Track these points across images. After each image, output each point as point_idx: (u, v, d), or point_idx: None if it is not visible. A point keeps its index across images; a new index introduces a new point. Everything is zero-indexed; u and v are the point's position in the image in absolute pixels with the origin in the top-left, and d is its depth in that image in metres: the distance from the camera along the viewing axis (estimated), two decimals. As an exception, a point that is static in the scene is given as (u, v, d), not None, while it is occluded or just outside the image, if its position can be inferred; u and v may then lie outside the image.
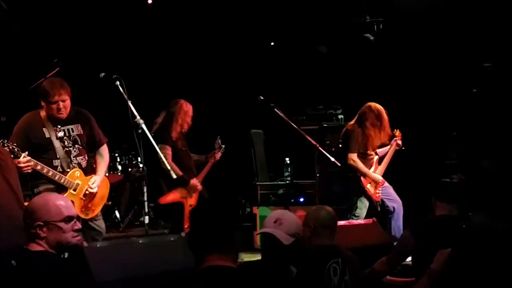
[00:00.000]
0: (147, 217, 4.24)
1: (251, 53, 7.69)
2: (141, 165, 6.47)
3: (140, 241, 3.63)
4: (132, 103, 4.15)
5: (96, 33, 7.00)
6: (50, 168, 3.89)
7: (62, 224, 2.51)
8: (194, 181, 5.21)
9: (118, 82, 4.16)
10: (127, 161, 6.61)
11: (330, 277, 2.93)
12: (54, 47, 6.49)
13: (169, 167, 4.14)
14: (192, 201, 5.19)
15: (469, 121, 6.54)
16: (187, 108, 5.31)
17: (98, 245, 3.37)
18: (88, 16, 6.89)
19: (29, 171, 3.75)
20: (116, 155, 6.43)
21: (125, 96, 4.15)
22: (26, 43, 6.59)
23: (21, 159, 3.66)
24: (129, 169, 6.63)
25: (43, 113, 4.00)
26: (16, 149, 3.66)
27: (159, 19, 7.27)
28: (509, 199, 5.20)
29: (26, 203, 3.54)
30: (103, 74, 4.21)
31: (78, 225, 2.62)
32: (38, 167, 3.80)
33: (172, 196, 5.09)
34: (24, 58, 6.53)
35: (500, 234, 2.47)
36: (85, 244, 3.16)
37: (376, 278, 3.46)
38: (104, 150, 4.28)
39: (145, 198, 4.22)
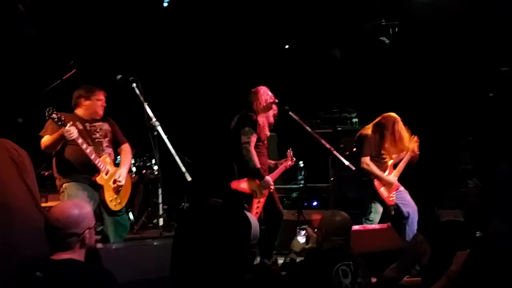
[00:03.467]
0: (161, 219, 4.24)
1: (266, 55, 7.69)
2: (155, 167, 6.49)
3: (155, 243, 3.65)
4: (148, 105, 4.17)
5: (113, 35, 7.04)
6: (88, 145, 4.05)
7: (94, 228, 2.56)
8: (269, 179, 4.92)
9: (134, 84, 4.20)
10: (141, 163, 6.64)
11: (340, 279, 2.87)
12: (71, 49, 6.53)
13: (184, 170, 4.12)
14: (261, 196, 4.90)
15: (485, 125, 6.48)
16: (262, 93, 4.95)
17: (113, 247, 3.39)
18: (105, 18, 6.93)
19: (72, 137, 3.92)
20: (131, 156, 6.45)
21: (142, 98, 4.18)
22: (43, 45, 6.65)
23: (67, 127, 3.89)
24: (144, 171, 6.65)
25: (78, 113, 4.27)
26: (62, 117, 3.88)
27: (175, 22, 7.30)
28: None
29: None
30: (120, 76, 4.25)
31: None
32: (80, 140, 3.97)
33: (245, 185, 4.86)
34: (40, 60, 6.59)
35: None
36: (99, 245, 3.18)
37: (388, 285, 3.44)
38: (127, 148, 4.50)
39: (160, 200, 4.23)
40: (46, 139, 4.07)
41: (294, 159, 5.37)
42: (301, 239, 3.43)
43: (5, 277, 2.39)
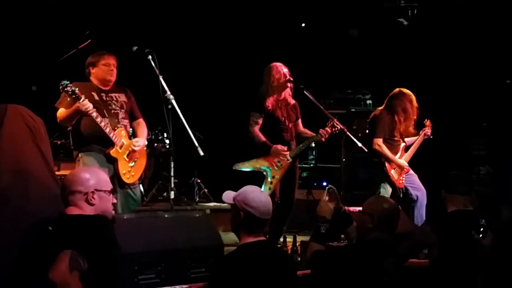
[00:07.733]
0: (172, 193, 4.25)
1: (283, 33, 7.63)
2: (167, 141, 6.50)
3: (166, 216, 3.67)
4: (163, 78, 4.16)
5: (130, 5, 7.00)
6: (103, 118, 4.03)
7: (109, 194, 2.63)
8: (276, 147, 4.75)
9: (150, 57, 4.17)
10: (153, 136, 6.65)
11: (381, 276, 2.78)
12: (87, 18, 6.51)
13: (196, 144, 4.12)
14: (277, 173, 4.80)
15: (500, 112, 6.43)
16: (277, 70, 4.87)
17: (125, 217, 3.41)
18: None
19: (87, 111, 3.90)
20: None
21: (157, 71, 4.16)
22: (59, 14, 6.64)
23: (81, 101, 3.86)
24: (155, 144, 6.67)
25: (92, 82, 4.22)
26: (77, 91, 3.84)
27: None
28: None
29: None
30: (135, 47, 4.21)
31: (114, 200, 2.73)
32: (94, 114, 3.94)
33: (248, 163, 4.82)
34: (56, 28, 6.58)
35: None
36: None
37: None
38: (142, 122, 4.48)
39: (172, 174, 4.23)
40: (61, 113, 4.05)
41: (340, 127, 4.91)
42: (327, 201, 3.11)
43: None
